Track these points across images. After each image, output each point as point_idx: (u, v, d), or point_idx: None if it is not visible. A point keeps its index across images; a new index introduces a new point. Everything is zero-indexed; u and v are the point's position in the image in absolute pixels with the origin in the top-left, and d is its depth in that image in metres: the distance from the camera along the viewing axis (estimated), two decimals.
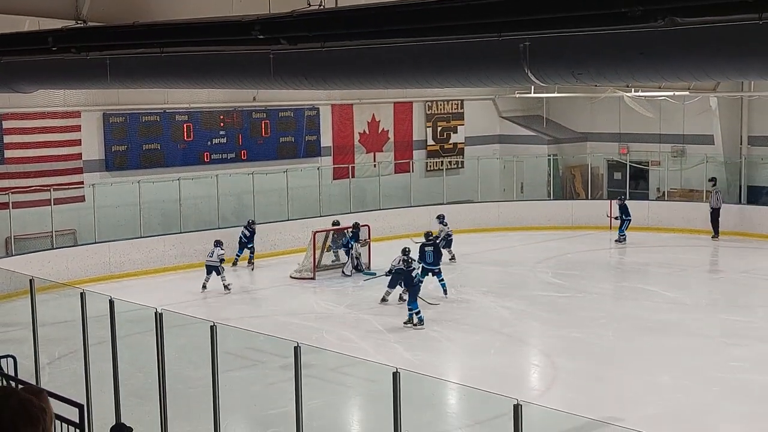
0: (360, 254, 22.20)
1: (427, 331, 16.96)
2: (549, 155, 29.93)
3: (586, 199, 29.31)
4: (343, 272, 21.86)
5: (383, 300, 18.72)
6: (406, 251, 18.22)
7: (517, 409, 6.53)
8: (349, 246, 22.00)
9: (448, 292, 19.17)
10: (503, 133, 31.20)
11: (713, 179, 26.61)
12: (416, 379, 9.26)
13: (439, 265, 19.32)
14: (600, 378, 14.34)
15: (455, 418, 13.00)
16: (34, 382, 10.56)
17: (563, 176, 30.36)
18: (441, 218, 23.15)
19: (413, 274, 17.75)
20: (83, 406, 8.45)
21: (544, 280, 21.40)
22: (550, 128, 30.96)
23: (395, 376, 7.66)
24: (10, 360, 11.30)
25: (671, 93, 26.04)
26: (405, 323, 17.01)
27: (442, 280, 19.28)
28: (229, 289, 19.99)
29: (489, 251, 24.53)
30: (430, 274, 19.01)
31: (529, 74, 8.43)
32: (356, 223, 22.51)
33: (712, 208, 25.37)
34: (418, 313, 17.05)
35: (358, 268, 22.02)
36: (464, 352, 16.17)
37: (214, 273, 19.96)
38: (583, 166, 30.15)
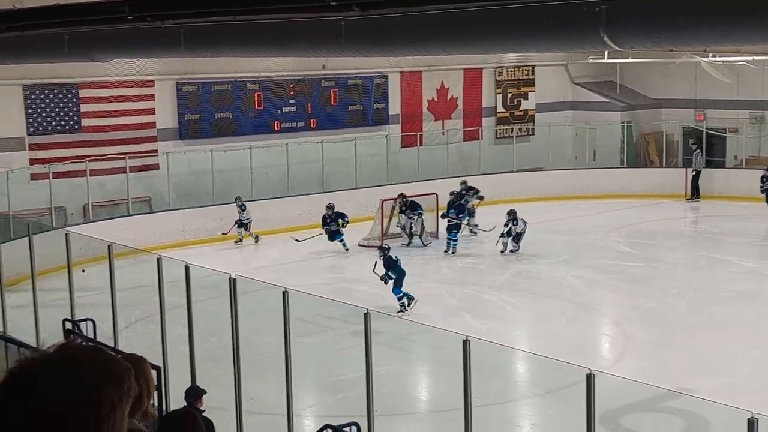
0: (412, 226, 21.89)
1: (497, 299, 16.90)
2: (622, 122, 29.38)
3: (661, 167, 28.75)
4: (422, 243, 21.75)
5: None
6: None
7: (589, 378, 6.49)
8: (411, 217, 21.77)
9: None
10: (575, 99, 30.74)
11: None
12: (485, 347, 9.25)
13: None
14: (672, 348, 14.15)
15: (524, 387, 12.98)
16: (112, 345, 10.83)
17: (637, 143, 29.81)
18: (512, 214, 21.05)
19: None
20: (160, 368, 8.67)
21: (616, 249, 21.12)
22: (624, 94, 30.38)
23: (465, 343, 7.66)
24: (90, 323, 11.62)
25: (750, 57, 25.29)
26: (398, 312, 15.78)
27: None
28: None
29: (560, 220, 24.27)
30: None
31: (605, 38, 8.25)
32: (401, 194, 22.32)
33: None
34: (401, 297, 16.04)
35: (411, 238, 21.74)
36: (534, 321, 16.09)
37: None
38: (658, 133, 29.54)
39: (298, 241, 20.49)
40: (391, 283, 16.01)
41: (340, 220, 21.18)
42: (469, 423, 7.85)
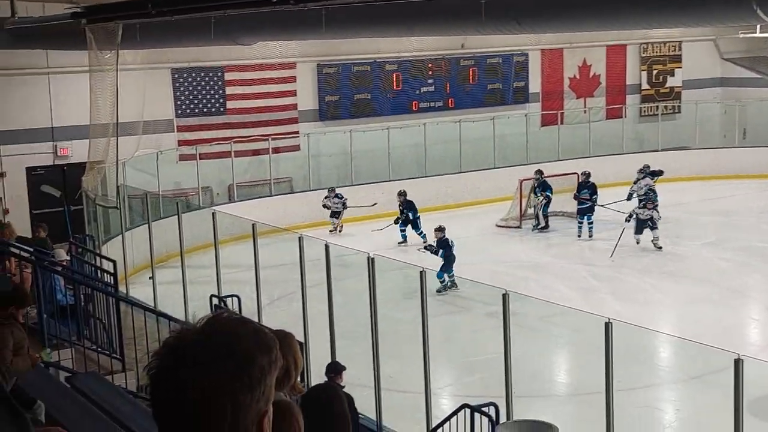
0: (537, 205, 21.47)
1: (640, 282, 16.48)
2: None
3: None
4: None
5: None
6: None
7: (738, 363, 6.26)
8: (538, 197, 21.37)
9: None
10: (724, 75, 29.48)
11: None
12: (626, 330, 9.03)
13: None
14: None
15: (668, 372, 12.62)
16: (256, 321, 11.15)
17: None
18: (646, 169, 21.43)
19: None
20: (302, 344, 8.86)
21: (767, 232, 20.19)
22: None
23: (607, 326, 7.51)
24: (235, 299, 12.00)
25: None
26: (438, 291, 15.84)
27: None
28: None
29: (707, 200, 23.39)
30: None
31: (759, 12, 7.85)
32: (539, 170, 21.96)
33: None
34: (443, 281, 16.00)
35: (537, 220, 21.32)
36: (678, 305, 15.60)
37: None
38: None
39: (379, 230, 20.10)
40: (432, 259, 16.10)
41: (409, 214, 20.35)
42: (610, 407, 7.71)
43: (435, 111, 25.23)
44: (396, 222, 20.43)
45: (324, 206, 21.61)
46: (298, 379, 4.56)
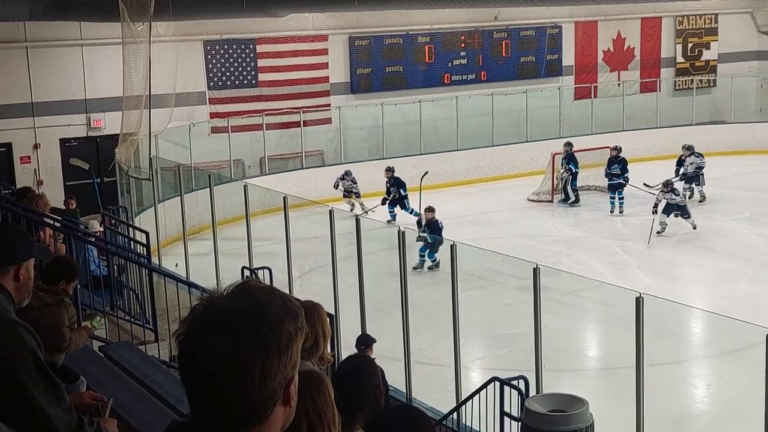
0: (565, 179, 21.30)
1: (673, 257, 16.35)
2: None
3: None
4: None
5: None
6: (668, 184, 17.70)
7: None
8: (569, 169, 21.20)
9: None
10: (762, 49, 28.99)
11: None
12: (659, 304, 8.98)
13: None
14: None
15: (699, 347, 12.55)
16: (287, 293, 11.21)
17: None
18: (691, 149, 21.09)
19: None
20: (332, 316, 8.91)
21: None
22: None
23: (638, 300, 7.47)
24: (266, 271, 12.08)
25: None
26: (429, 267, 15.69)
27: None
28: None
29: (742, 175, 23.11)
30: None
31: None
32: (568, 142, 21.76)
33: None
34: (434, 260, 15.60)
35: (566, 194, 21.13)
36: (712, 280, 15.47)
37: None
38: None
39: (370, 211, 19.21)
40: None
41: (400, 190, 19.80)
42: (640, 381, 7.69)
43: (467, 84, 25.10)
44: (383, 203, 19.92)
45: (336, 186, 20.95)
46: (327, 349, 4.59)
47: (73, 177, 19.97)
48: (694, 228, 17.73)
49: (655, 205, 17.75)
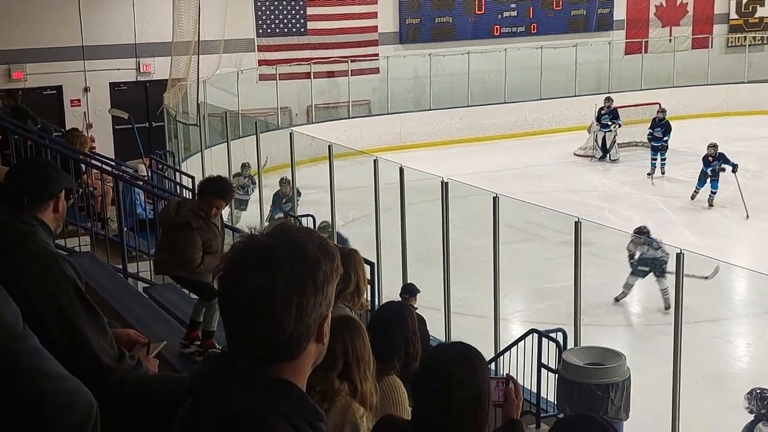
0: (605, 137, 20.95)
1: (719, 216, 16.21)
2: None
3: None
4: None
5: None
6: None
7: None
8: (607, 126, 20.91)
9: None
10: None
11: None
12: (700, 261, 8.95)
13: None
14: None
15: (741, 306, 12.49)
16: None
17: None
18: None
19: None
20: (374, 264, 9.03)
21: None
22: None
23: (679, 257, 7.48)
24: (310, 219, 12.22)
25: None
26: None
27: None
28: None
29: None
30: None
31: None
32: (608, 97, 21.41)
33: None
34: None
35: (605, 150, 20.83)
36: (755, 239, 15.34)
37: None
38: None
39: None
40: None
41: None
42: (678, 337, 7.71)
43: (517, 36, 24.83)
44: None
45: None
46: (367, 294, 4.69)
47: (121, 121, 20.21)
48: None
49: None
